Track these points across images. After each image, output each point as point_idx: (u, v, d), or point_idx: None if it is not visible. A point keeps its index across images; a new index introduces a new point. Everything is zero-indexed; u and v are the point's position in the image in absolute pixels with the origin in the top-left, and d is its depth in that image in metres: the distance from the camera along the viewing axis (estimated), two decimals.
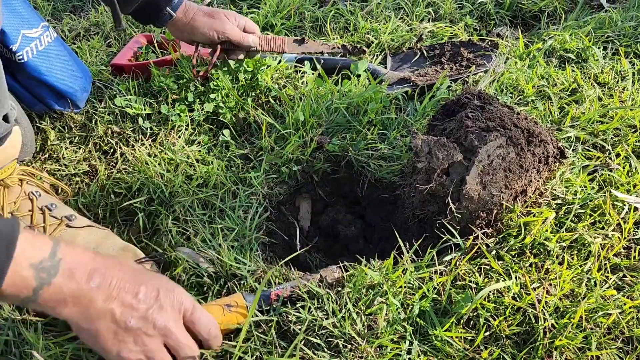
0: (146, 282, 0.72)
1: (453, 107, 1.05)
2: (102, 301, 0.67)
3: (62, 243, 0.66)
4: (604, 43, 1.51)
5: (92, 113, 1.31)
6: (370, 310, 0.85)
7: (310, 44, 1.41)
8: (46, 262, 0.63)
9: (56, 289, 0.64)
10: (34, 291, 0.63)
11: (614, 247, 0.94)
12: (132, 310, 0.69)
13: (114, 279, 0.69)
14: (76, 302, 0.66)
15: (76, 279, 0.65)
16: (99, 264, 0.68)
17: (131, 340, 0.69)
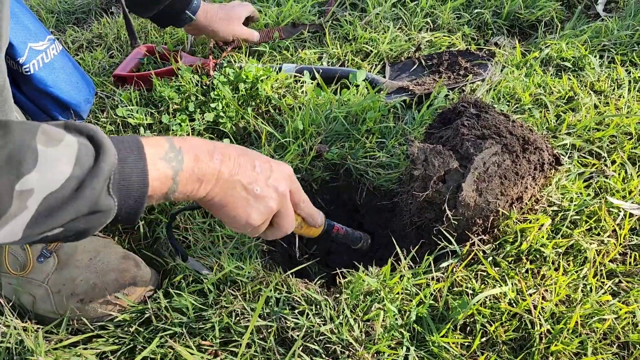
0: (257, 156, 0.78)
1: (449, 116, 1.07)
2: (228, 174, 0.72)
3: (172, 136, 0.70)
4: (600, 52, 1.53)
5: (94, 123, 1.32)
6: (368, 317, 0.86)
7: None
8: (169, 152, 0.67)
9: (189, 172, 0.68)
10: (173, 180, 0.67)
11: (610, 253, 0.95)
12: (255, 180, 0.75)
13: (231, 156, 0.74)
14: (208, 180, 0.70)
15: (201, 159, 0.70)
16: (213, 145, 0.73)
17: (260, 205, 0.76)
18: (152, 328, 0.90)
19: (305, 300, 0.90)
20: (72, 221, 0.58)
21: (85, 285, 0.93)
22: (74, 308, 0.92)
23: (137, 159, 0.63)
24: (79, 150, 0.58)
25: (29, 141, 0.55)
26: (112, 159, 0.60)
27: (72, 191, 0.56)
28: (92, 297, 0.92)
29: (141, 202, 0.63)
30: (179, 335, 0.88)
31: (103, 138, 0.60)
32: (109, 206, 0.60)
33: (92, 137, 0.60)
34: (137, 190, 0.63)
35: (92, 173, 0.58)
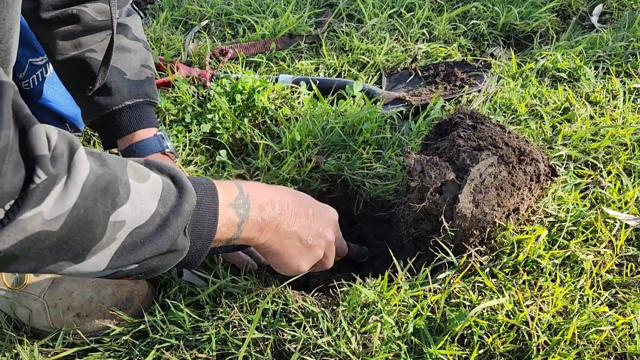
0: (310, 203, 0.82)
1: (446, 127, 1.07)
2: (286, 225, 0.76)
3: (240, 181, 0.73)
4: (595, 63, 1.54)
5: (90, 134, 1.32)
6: (365, 329, 0.86)
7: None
8: (239, 199, 0.69)
9: (253, 221, 0.71)
10: (238, 227, 0.69)
11: (606, 264, 0.95)
12: (309, 229, 0.79)
13: (289, 205, 0.77)
14: (268, 229, 0.74)
15: (265, 209, 0.72)
16: (274, 193, 0.76)
17: (311, 254, 0.81)
18: (149, 341, 0.90)
19: (302, 312, 0.90)
20: (150, 258, 0.59)
21: (81, 299, 0.92)
22: (70, 322, 0.91)
23: (211, 203, 0.65)
24: (163, 188, 0.59)
25: (122, 174, 0.55)
26: (192, 200, 0.61)
27: (156, 228, 0.57)
28: (88, 311, 0.92)
29: (207, 246, 0.65)
30: (175, 347, 0.88)
31: (184, 179, 0.62)
32: (184, 246, 0.62)
33: (173, 177, 0.62)
34: (206, 233, 0.64)
35: (176, 212, 0.59)
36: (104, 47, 0.99)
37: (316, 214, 0.81)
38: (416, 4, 1.77)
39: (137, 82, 1.03)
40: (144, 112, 1.04)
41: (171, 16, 1.83)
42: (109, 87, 1.00)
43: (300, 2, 1.85)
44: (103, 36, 1.01)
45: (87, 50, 1.00)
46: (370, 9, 1.75)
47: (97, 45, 1.01)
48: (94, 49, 1.00)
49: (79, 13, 0.97)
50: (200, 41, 1.70)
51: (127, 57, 1.03)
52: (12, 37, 0.69)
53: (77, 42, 0.99)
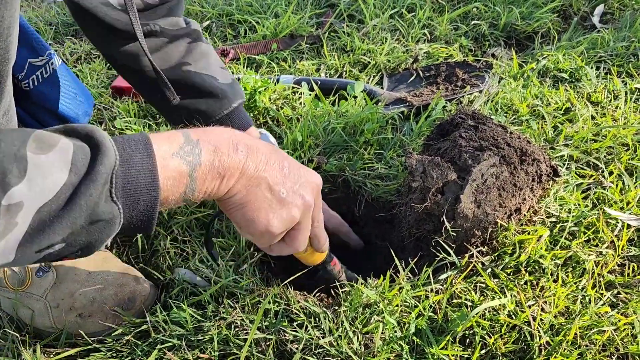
0: (287, 157, 0.70)
1: (447, 127, 1.07)
2: (254, 168, 0.64)
3: (190, 129, 0.63)
4: (596, 63, 1.54)
5: None
6: (367, 329, 0.86)
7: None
8: (185, 146, 0.59)
9: (208, 166, 0.60)
10: (189, 177, 0.59)
11: (608, 264, 0.95)
12: (282, 182, 0.67)
13: (259, 151, 0.66)
14: (231, 174, 0.62)
15: (222, 151, 0.62)
16: (238, 136, 0.65)
17: (284, 211, 0.68)
18: (151, 341, 0.90)
19: (304, 312, 0.90)
20: (72, 234, 0.52)
21: (83, 299, 0.92)
22: (72, 322, 0.92)
23: (144, 158, 0.56)
24: (74, 154, 0.51)
25: (17, 150, 0.49)
26: (110, 160, 0.53)
27: (65, 201, 0.50)
28: (90, 311, 0.92)
29: (153, 207, 0.56)
30: (177, 347, 0.88)
31: (101, 137, 0.53)
32: (112, 214, 0.54)
33: (90, 138, 0.53)
34: (146, 193, 0.56)
35: (87, 178, 0.51)
36: (194, 57, 1.02)
37: (293, 169, 0.69)
38: (417, 5, 1.77)
39: (230, 85, 1.05)
40: (244, 113, 1.07)
41: None
42: (214, 92, 1.02)
43: (301, 2, 1.85)
44: (185, 45, 1.03)
45: (182, 64, 1.01)
46: (371, 10, 1.75)
47: (187, 56, 1.02)
48: (186, 61, 1.02)
49: (158, 28, 0.99)
50: None
51: (210, 62, 1.04)
52: (11, 35, 0.67)
53: (164, 55, 1.01)
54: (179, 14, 1.05)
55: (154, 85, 1.02)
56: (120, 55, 1.01)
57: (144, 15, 0.99)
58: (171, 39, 1.01)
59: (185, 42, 1.03)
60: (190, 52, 1.03)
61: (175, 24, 1.02)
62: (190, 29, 1.04)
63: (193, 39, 1.04)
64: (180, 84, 1.02)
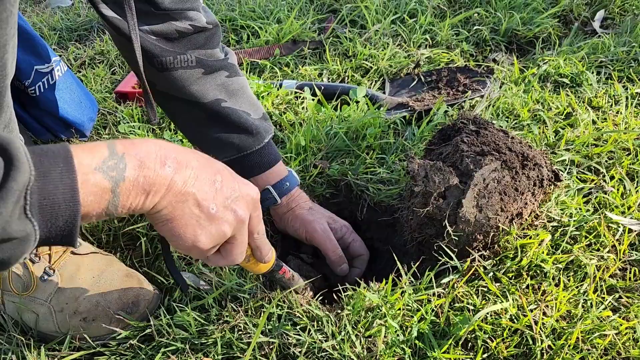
0: (221, 169, 0.69)
1: (449, 132, 1.08)
2: (182, 185, 0.62)
3: (116, 140, 0.60)
4: (597, 68, 1.54)
5: (96, 140, 1.34)
6: (370, 333, 0.86)
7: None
8: (109, 160, 0.57)
9: (132, 182, 0.58)
10: (112, 192, 0.57)
11: (610, 269, 0.95)
12: (212, 197, 0.66)
13: (189, 165, 0.64)
14: (157, 190, 0.61)
15: (148, 165, 0.59)
16: (167, 149, 0.63)
17: (212, 227, 0.67)
18: (155, 344, 0.90)
19: (306, 316, 0.90)
20: None
21: (88, 303, 0.93)
22: (76, 326, 0.92)
23: (64, 173, 0.53)
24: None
25: None
26: (24, 176, 0.49)
27: None
28: (94, 315, 0.92)
29: (73, 223, 0.54)
30: (181, 351, 0.89)
31: (15, 150, 0.49)
32: (25, 232, 0.50)
33: (4, 150, 0.49)
34: (65, 209, 0.53)
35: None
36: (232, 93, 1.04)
37: (226, 183, 0.68)
38: (419, 10, 1.78)
39: (261, 120, 1.08)
40: (274, 147, 1.09)
41: None
42: (250, 129, 1.05)
43: (304, 8, 1.87)
44: (222, 79, 1.04)
45: (219, 100, 1.03)
46: (373, 15, 1.76)
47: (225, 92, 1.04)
48: (223, 98, 1.04)
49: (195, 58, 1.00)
50: None
51: (246, 95, 1.07)
52: (7, 52, 0.67)
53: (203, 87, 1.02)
54: (216, 45, 1.06)
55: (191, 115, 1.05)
56: (161, 84, 1.02)
57: (179, 44, 0.99)
58: (207, 71, 1.02)
59: (222, 76, 1.04)
60: (226, 87, 1.05)
61: (211, 55, 1.03)
62: (227, 62, 1.05)
63: (230, 73, 1.06)
64: (217, 118, 1.04)
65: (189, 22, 0.99)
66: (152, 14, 0.96)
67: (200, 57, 1.01)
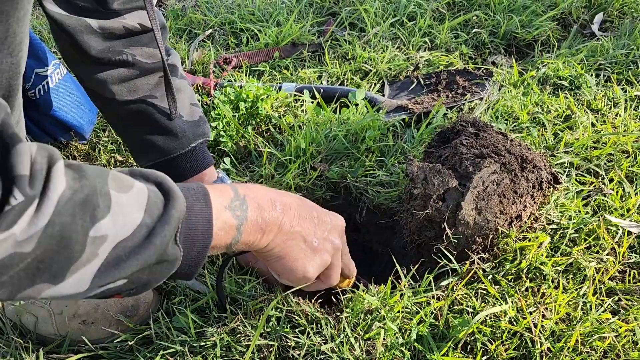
0: (313, 206, 0.78)
1: (448, 135, 1.08)
2: (289, 225, 0.72)
3: (237, 184, 0.70)
4: (596, 70, 1.55)
5: (95, 142, 1.34)
6: (369, 335, 0.86)
7: None
8: (235, 201, 0.65)
9: (253, 222, 0.67)
10: (237, 229, 0.65)
11: (609, 271, 0.95)
12: (314, 233, 0.75)
13: (292, 206, 0.73)
14: (270, 230, 0.70)
15: (264, 209, 0.69)
16: (274, 194, 0.72)
17: (317, 258, 0.76)
18: (154, 347, 0.90)
19: (306, 318, 0.90)
20: (138, 272, 0.55)
21: (87, 306, 0.93)
22: (75, 329, 0.92)
23: (204, 208, 0.61)
24: (148, 197, 0.56)
25: (102, 186, 0.52)
26: (181, 206, 0.58)
27: (142, 239, 0.54)
28: (94, 318, 0.92)
29: (204, 254, 0.61)
30: (180, 354, 0.88)
31: (172, 185, 0.59)
32: (175, 256, 0.58)
33: (160, 183, 0.59)
34: (201, 240, 0.61)
35: (162, 220, 0.55)
36: (162, 92, 1.00)
37: (321, 218, 0.78)
38: (418, 13, 1.78)
39: (194, 123, 1.04)
40: (205, 152, 1.06)
41: (175, 25, 1.85)
42: (173, 130, 1.01)
43: (303, 11, 1.87)
44: (156, 79, 1.01)
45: (148, 96, 1.00)
46: (372, 18, 1.76)
47: (155, 90, 1.00)
48: (153, 94, 1.00)
49: (132, 59, 0.97)
50: (204, 50, 1.71)
51: (180, 98, 1.03)
52: (22, 50, 0.69)
53: (132, 86, 0.99)
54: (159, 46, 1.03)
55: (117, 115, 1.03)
56: (89, 80, 0.99)
57: (124, 41, 0.97)
58: (143, 72, 0.99)
59: (157, 76, 1.01)
60: (159, 86, 1.01)
61: (152, 55, 1.00)
62: (166, 63, 1.00)
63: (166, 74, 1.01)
64: (140, 117, 1.00)
65: (138, 21, 0.97)
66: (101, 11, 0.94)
67: (138, 57, 0.98)
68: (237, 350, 0.88)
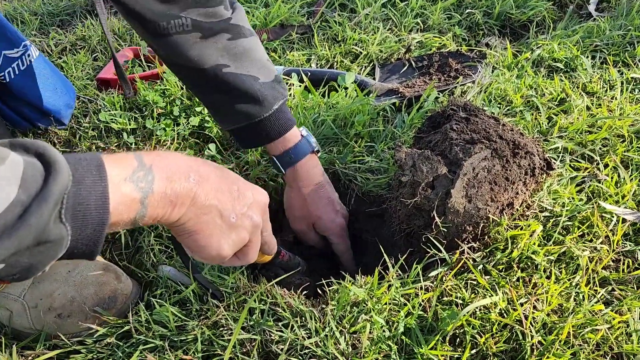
0: (236, 179, 0.72)
1: (439, 119, 1.04)
2: (204, 197, 0.65)
3: (142, 152, 0.61)
4: (592, 52, 1.51)
5: (76, 129, 1.29)
6: (355, 329, 0.84)
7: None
8: (138, 171, 0.58)
9: (160, 194, 0.60)
10: (141, 203, 0.58)
11: (603, 260, 0.92)
12: (232, 207, 0.69)
13: (209, 177, 0.67)
14: (182, 202, 0.63)
15: (174, 179, 0.62)
16: (189, 162, 0.66)
17: (234, 234, 0.70)
18: (133, 342, 0.87)
19: (290, 311, 0.87)
20: (15, 255, 0.48)
21: (63, 299, 0.90)
22: (51, 323, 0.89)
23: (97, 180, 0.54)
24: (24, 169, 0.48)
25: None
26: (64, 179, 0.50)
27: (15, 219, 0.47)
28: (70, 311, 0.89)
29: (100, 231, 0.55)
30: (160, 348, 0.86)
31: (55, 155, 0.50)
32: (60, 235, 0.51)
33: (41, 154, 0.50)
34: (95, 216, 0.54)
35: (40, 197, 0.48)
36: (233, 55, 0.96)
37: (242, 191, 0.72)
38: None
39: (271, 84, 1.01)
40: (286, 113, 1.03)
41: None
42: (255, 95, 0.98)
43: None
44: (224, 42, 0.97)
45: (221, 65, 0.96)
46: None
47: (225, 54, 0.96)
48: (224, 62, 0.96)
49: (191, 22, 0.93)
50: None
51: (254, 58, 0.99)
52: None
53: (199, 52, 0.95)
54: (219, 2, 0.97)
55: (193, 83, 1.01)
56: (158, 51, 0.98)
57: (175, 4, 0.92)
58: (205, 35, 0.95)
59: (223, 39, 0.96)
60: (229, 50, 0.97)
61: (212, 15, 0.95)
62: (230, 24, 0.97)
63: (233, 35, 0.98)
64: (219, 85, 0.98)
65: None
66: None
67: (197, 19, 0.94)
68: (219, 344, 0.85)
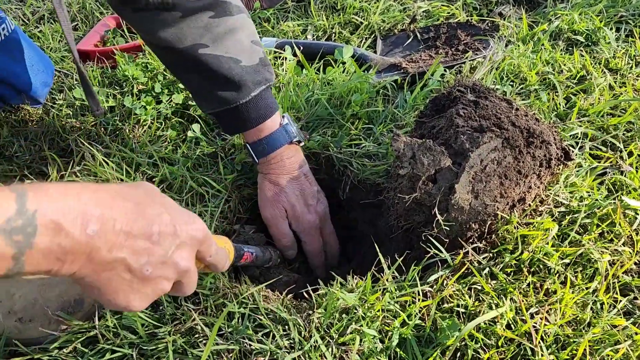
0: (156, 217, 0.58)
1: (444, 102, 0.93)
2: (107, 251, 0.53)
3: (29, 190, 0.49)
4: (616, 24, 1.38)
5: (49, 106, 1.19)
6: (343, 340, 0.75)
7: None
8: (15, 220, 0.47)
9: (43, 250, 0.49)
10: (15, 259, 0.47)
11: (625, 264, 0.82)
12: (147, 258, 0.57)
13: (117, 221, 0.54)
14: (74, 259, 0.51)
15: (65, 230, 0.49)
16: (90, 203, 0.52)
17: (148, 288, 0.59)
18: (99, 349, 0.79)
19: (272, 318, 0.78)
20: None
21: (24, 301, 0.82)
22: (11, 327, 0.81)
23: None
24: None
25: None
26: None
27: None
28: (32, 315, 0.81)
29: None
30: (128, 358, 0.78)
31: None
32: None
33: None
34: None
35: None
36: (213, 36, 0.90)
37: (165, 232, 0.59)
38: None
39: (254, 68, 0.94)
40: (267, 99, 0.97)
41: None
42: (233, 80, 0.92)
43: None
44: (205, 20, 0.89)
45: (199, 45, 0.90)
46: None
47: (205, 34, 0.90)
48: (204, 42, 0.90)
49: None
50: None
51: (237, 39, 0.92)
52: None
53: (178, 32, 0.89)
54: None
55: (171, 63, 0.96)
56: (135, 27, 0.93)
57: None
58: (186, 13, 0.88)
59: (205, 17, 0.89)
60: (210, 30, 0.90)
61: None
62: (215, 0, 0.90)
63: (217, 13, 0.90)
64: (195, 67, 0.92)
65: None
66: None
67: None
68: (193, 354, 0.77)
